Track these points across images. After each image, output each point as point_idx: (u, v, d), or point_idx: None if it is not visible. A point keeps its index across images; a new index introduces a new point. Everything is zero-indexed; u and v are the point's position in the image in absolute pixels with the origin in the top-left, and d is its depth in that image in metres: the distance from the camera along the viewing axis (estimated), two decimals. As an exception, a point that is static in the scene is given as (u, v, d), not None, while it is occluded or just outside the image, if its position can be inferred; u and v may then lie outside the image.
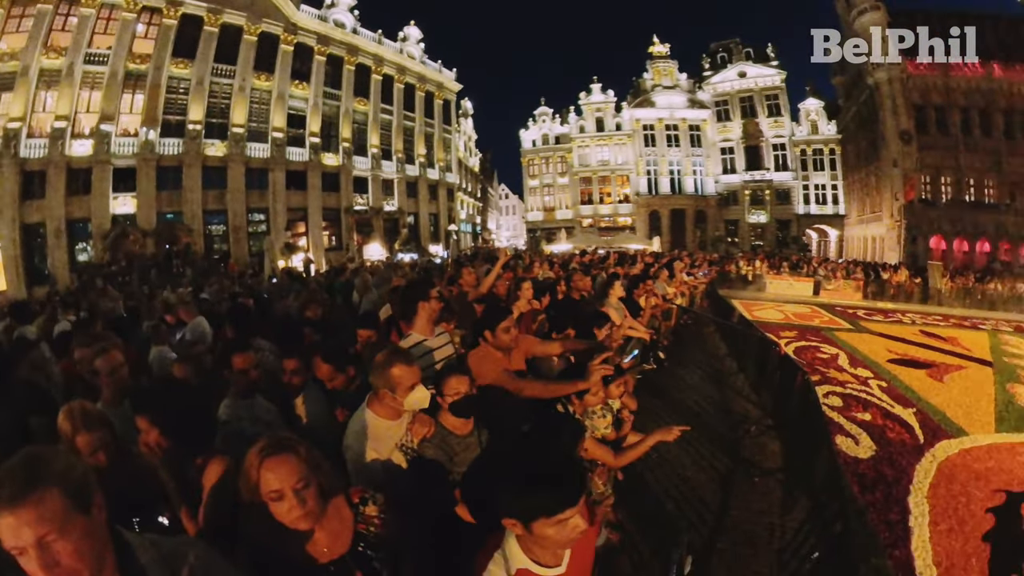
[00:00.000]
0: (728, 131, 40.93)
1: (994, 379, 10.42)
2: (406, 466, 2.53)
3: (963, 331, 14.71)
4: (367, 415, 2.52)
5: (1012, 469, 7.08)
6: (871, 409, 8.31)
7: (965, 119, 30.28)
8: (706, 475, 5.62)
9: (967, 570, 5.18)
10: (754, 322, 12.22)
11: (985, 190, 30.04)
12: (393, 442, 2.53)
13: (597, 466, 3.32)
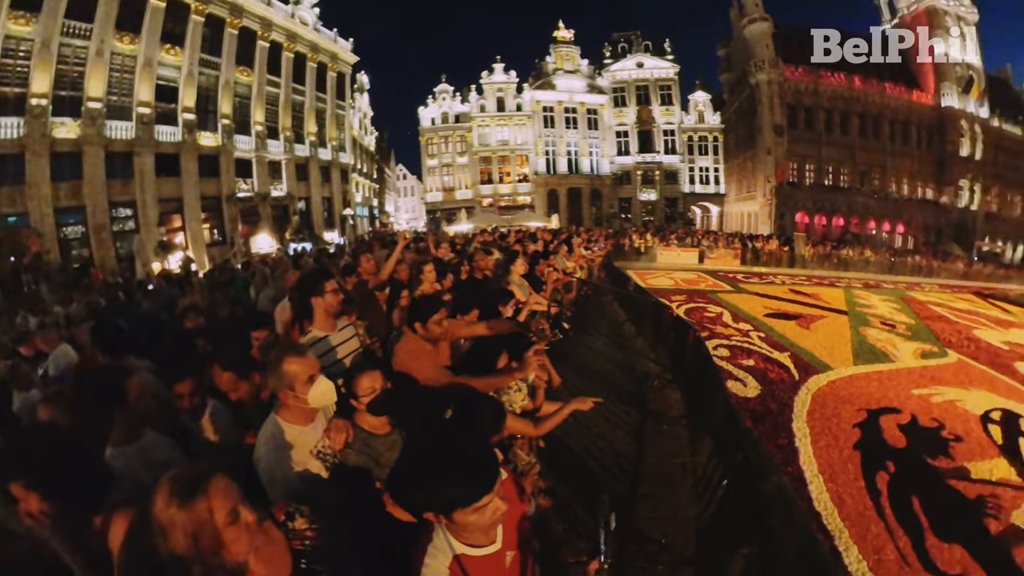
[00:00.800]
0: (624, 116, 43.95)
1: (849, 325, 12.65)
2: (327, 475, 2.34)
3: (823, 288, 17.54)
4: (276, 422, 2.33)
5: (869, 392, 8.70)
6: (754, 356, 9.52)
7: (828, 119, 37.35)
8: (620, 430, 6.04)
9: (845, 474, 6.31)
10: (648, 289, 13.19)
11: (841, 176, 37.72)
12: (308, 449, 2.33)
13: (517, 438, 3.35)
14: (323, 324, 3.43)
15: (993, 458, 7.28)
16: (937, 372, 10.28)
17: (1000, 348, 12.88)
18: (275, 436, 2.29)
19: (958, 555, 5.13)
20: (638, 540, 4.20)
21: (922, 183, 38.75)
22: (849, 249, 26.49)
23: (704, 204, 44.92)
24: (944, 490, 6.37)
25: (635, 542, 4.17)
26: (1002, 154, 39.82)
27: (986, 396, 9.36)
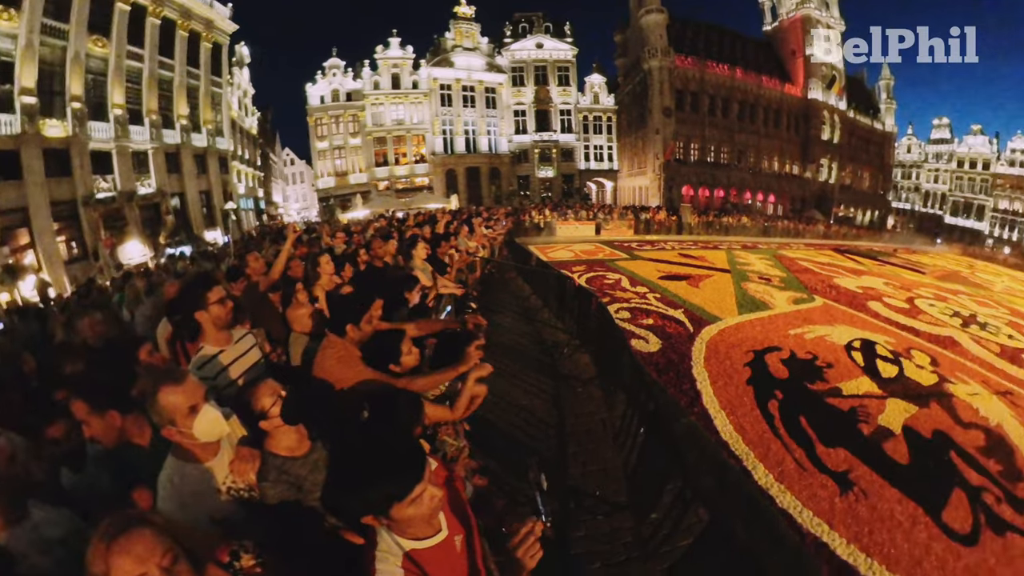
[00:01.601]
0: (522, 95, 44.35)
1: (732, 281, 14.18)
2: (246, 512, 2.09)
3: (708, 251, 19.50)
4: (172, 464, 2.03)
5: (753, 336, 9.83)
6: (652, 315, 10.20)
7: (712, 104, 42.11)
8: (539, 398, 6.19)
9: (742, 406, 7.10)
10: (550, 263, 13.58)
11: (721, 154, 43.02)
12: (216, 487, 2.06)
13: (441, 425, 3.34)
14: (215, 338, 3.00)
15: (858, 377, 8.75)
16: (807, 314, 11.83)
17: (856, 292, 15.31)
18: (173, 480, 1.99)
19: (843, 456, 6.24)
20: (575, 496, 4.40)
21: (790, 161, 45.56)
22: (729, 217, 29.98)
23: (599, 180, 47.22)
24: (824, 407, 7.53)
25: (572, 498, 4.36)
26: (854, 139, 48.63)
27: (848, 330, 11.07)
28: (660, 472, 4.05)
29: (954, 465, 6.55)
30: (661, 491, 3.94)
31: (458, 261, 8.23)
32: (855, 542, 4.91)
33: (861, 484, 5.79)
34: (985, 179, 52.33)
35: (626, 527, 4.12)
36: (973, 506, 5.77)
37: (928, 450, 6.84)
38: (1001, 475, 6.51)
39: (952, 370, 9.96)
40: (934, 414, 7.93)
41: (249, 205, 39.31)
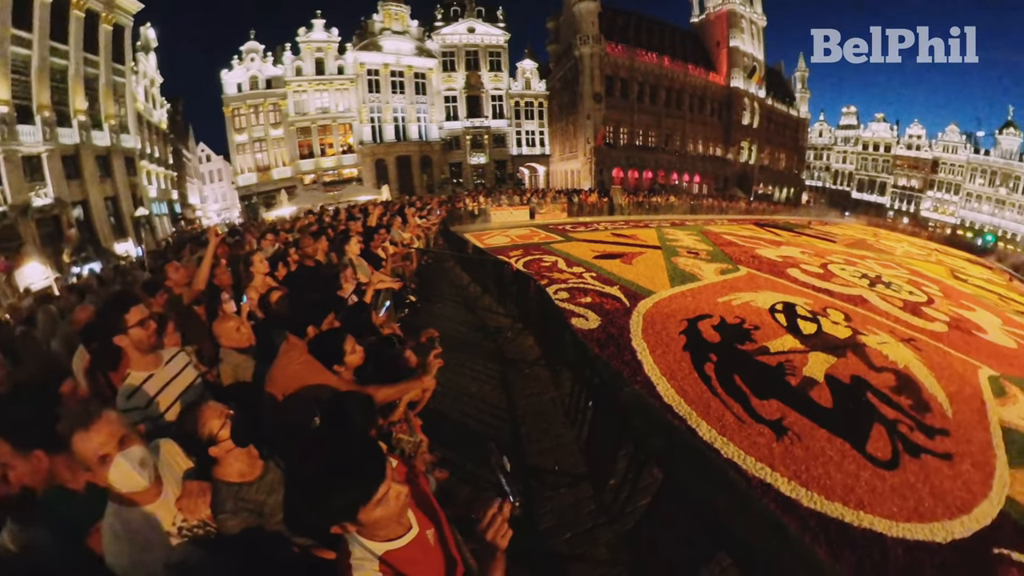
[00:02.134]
0: (452, 81, 43.44)
1: (663, 256, 14.79)
2: (203, 551, 1.92)
3: (639, 229, 20.28)
4: (113, 511, 1.82)
5: (686, 306, 10.32)
6: (590, 294, 10.48)
7: (640, 90, 43.79)
8: (488, 384, 6.10)
9: (681, 370, 7.51)
10: (486, 249, 13.56)
11: (649, 138, 44.89)
12: (166, 530, 1.87)
13: (395, 424, 3.33)
14: (142, 363, 2.68)
15: (782, 336, 9.52)
16: (733, 283, 12.61)
17: (776, 260, 16.49)
18: (115, 529, 1.78)
19: (775, 406, 6.89)
20: (535, 474, 4.50)
21: (713, 144, 48.50)
22: (658, 197, 31.00)
23: (531, 165, 47.65)
24: (754, 365, 8.12)
25: (533, 477, 4.46)
26: (772, 124, 52.82)
27: (770, 295, 11.95)
28: (612, 440, 4.20)
29: (871, 404, 7.47)
30: (615, 458, 4.11)
31: (393, 254, 8.03)
32: (795, 479, 5.47)
33: (794, 429, 6.43)
34: (887, 160, 59.32)
35: (588, 496, 4.30)
36: (891, 436, 6.63)
37: (848, 393, 7.72)
38: (912, 408, 7.53)
39: (863, 324, 11.14)
40: (851, 362, 8.90)
41: (163, 210, 35.07)
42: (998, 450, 6.85)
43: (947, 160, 53.92)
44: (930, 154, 55.36)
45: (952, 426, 7.30)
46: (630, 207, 26.77)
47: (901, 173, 57.72)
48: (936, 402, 7.96)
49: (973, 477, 6.15)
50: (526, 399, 5.78)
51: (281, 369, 2.75)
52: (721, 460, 5.56)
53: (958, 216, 52.64)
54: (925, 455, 6.34)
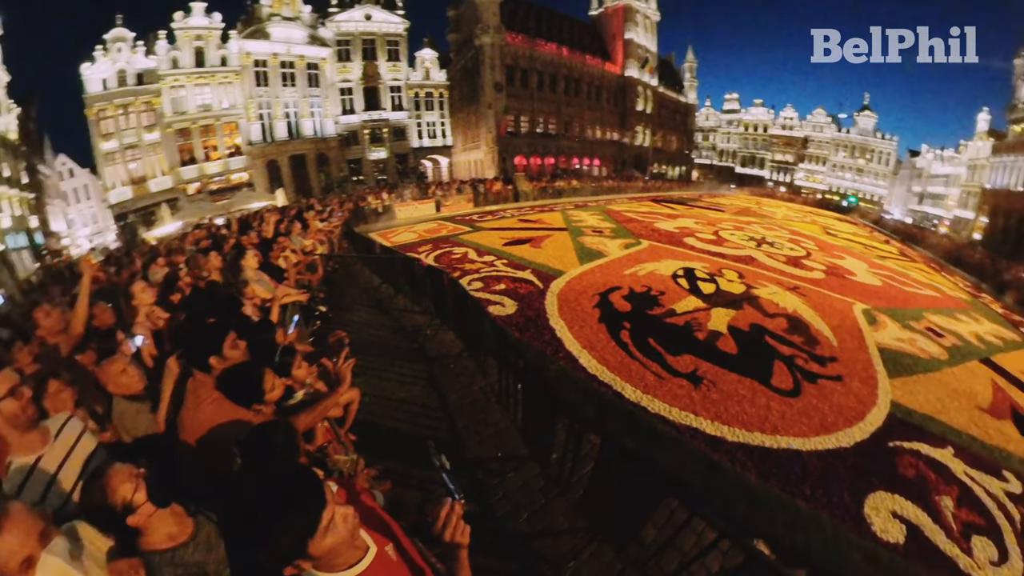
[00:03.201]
0: (348, 71, 40.47)
1: (570, 237, 15.29)
2: None
3: (545, 214, 20.85)
4: None
5: (596, 281, 10.77)
6: (503, 280, 10.60)
7: (540, 79, 44.88)
8: (416, 385, 5.95)
9: (599, 341, 7.90)
10: (395, 247, 13.23)
11: (550, 125, 46.29)
12: None
13: (328, 445, 3.21)
14: (24, 444, 2.18)
15: (686, 298, 10.33)
16: (637, 255, 13.38)
17: (673, 232, 17.79)
18: None
19: (689, 360, 7.56)
20: (480, 464, 4.51)
21: (610, 129, 51.12)
22: (561, 181, 32.08)
23: (434, 157, 46.87)
24: (665, 327, 8.74)
25: (478, 467, 4.47)
26: (664, 110, 57.27)
27: (671, 263, 12.85)
28: (547, 417, 4.31)
29: (770, 345, 8.57)
30: (553, 432, 4.22)
31: (296, 264, 7.56)
32: (717, 420, 6.18)
33: (708, 377, 7.13)
34: (765, 139, 67.56)
35: (535, 474, 4.41)
36: (791, 369, 7.72)
37: (749, 339, 8.72)
38: (804, 344, 8.80)
39: (755, 279, 12.50)
40: (748, 313, 10.02)
41: (21, 243, 28.49)
42: (878, 366, 8.35)
43: (815, 137, 64.06)
44: (801, 133, 64.90)
45: (838, 353, 8.66)
46: (535, 193, 27.38)
47: (777, 149, 66.54)
48: (823, 336, 9.35)
49: (862, 391, 7.44)
50: (456, 393, 5.76)
51: (191, 413, 2.48)
52: (649, 415, 6.03)
53: (826, 183, 62.32)
54: (821, 380, 7.49)
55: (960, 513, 5.36)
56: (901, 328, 10.64)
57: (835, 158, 62.95)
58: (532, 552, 3.77)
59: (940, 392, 8.02)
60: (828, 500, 5.16)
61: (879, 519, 5.03)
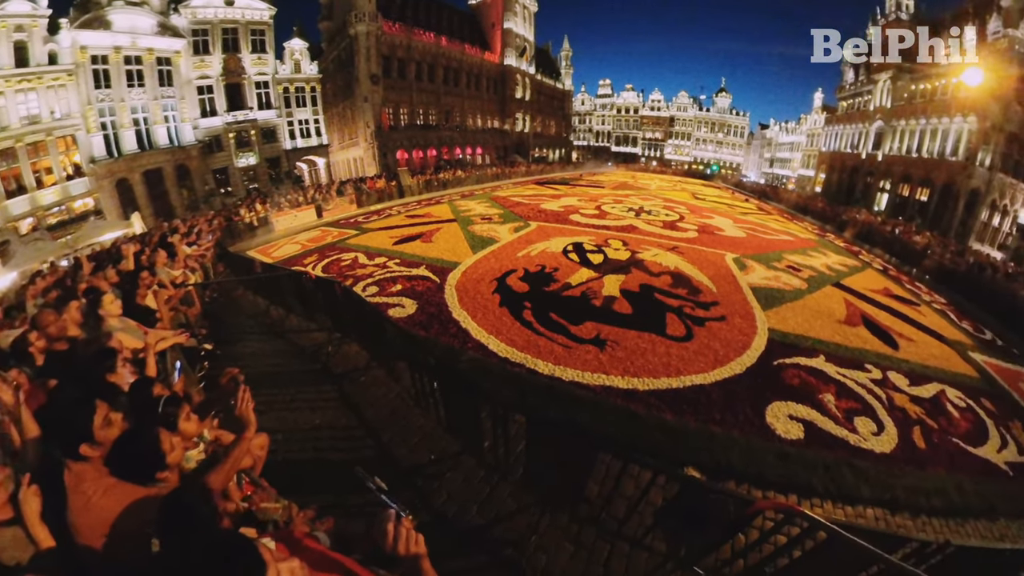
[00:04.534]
0: (207, 66, 34.28)
1: (460, 228, 15.27)
2: None
3: (432, 207, 20.64)
4: None
5: (491, 267, 10.94)
6: (399, 281, 10.34)
7: (418, 69, 43.47)
8: (329, 409, 5.63)
9: (504, 324, 8.07)
10: (277, 263, 12.25)
11: (430, 117, 45.17)
12: None
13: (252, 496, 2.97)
14: None
15: (579, 270, 10.89)
16: (528, 237, 13.80)
17: (559, 211, 18.57)
18: None
19: (591, 326, 8.05)
20: (416, 472, 4.41)
21: (491, 117, 51.68)
22: (445, 173, 31.65)
23: (309, 158, 43.47)
24: (563, 300, 9.15)
25: (415, 476, 4.37)
26: (542, 96, 59.45)
27: (561, 240, 13.46)
28: (470, 408, 4.31)
29: (660, 300, 9.50)
30: (479, 421, 4.24)
31: (168, 300, 6.69)
32: (626, 374, 6.74)
33: (611, 338, 7.66)
34: (636, 120, 74.89)
35: (473, 467, 4.42)
36: (681, 318, 8.69)
37: (641, 298, 9.53)
38: (688, 294, 9.92)
39: (638, 245, 13.55)
40: (636, 276, 10.88)
41: None
42: (753, 303, 10.00)
43: (680, 117, 72.87)
44: (668, 113, 73.12)
45: (719, 297, 10.00)
46: (419, 187, 26.75)
47: (648, 128, 73.94)
48: (704, 285, 10.65)
49: (743, 325, 8.83)
50: (373, 407, 5.57)
51: (81, 514, 2.14)
52: (565, 384, 6.34)
53: (692, 155, 71.34)
54: (708, 322, 8.64)
55: (841, 404, 6.77)
56: (766, 269, 12.51)
57: (698, 133, 72.52)
58: (493, 540, 3.84)
59: (806, 315, 9.86)
60: (735, 419, 6.06)
61: (780, 424, 6.10)
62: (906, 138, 34.09)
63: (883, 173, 36.14)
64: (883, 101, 37.43)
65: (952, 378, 8.22)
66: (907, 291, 12.87)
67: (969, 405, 7.43)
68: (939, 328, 10.23)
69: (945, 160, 29.75)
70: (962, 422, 6.96)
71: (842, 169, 42.48)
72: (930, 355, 8.98)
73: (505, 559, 3.70)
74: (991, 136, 26.79)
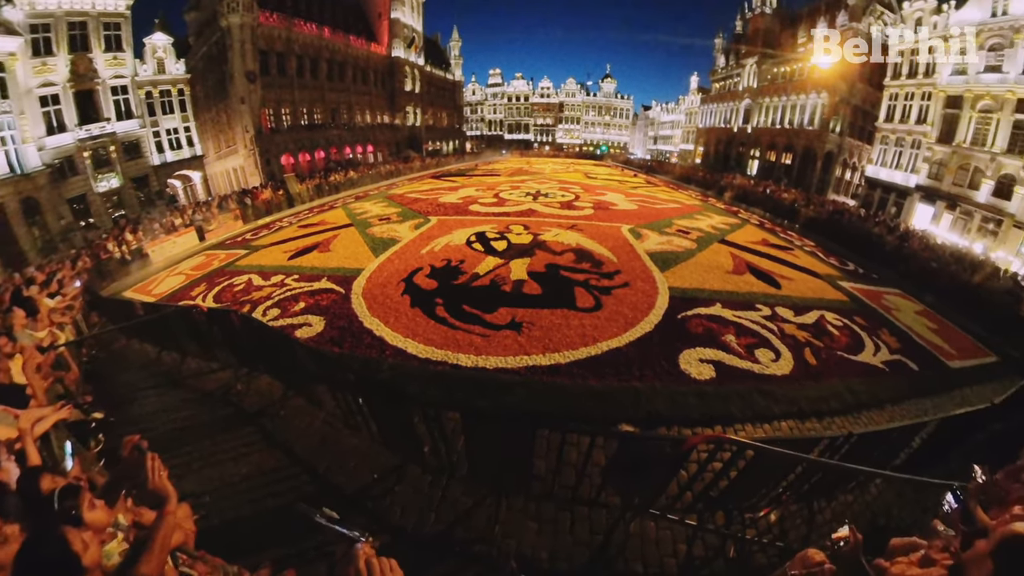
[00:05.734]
0: (50, 70, 26.55)
1: (358, 232, 14.71)
2: None
3: (325, 213, 19.54)
4: None
5: (397, 269, 10.71)
6: (301, 298, 9.70)
7: (300, 64, 39.92)
8: (254, 452, 5.25)
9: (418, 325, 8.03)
10: (161, 301, 10.98)
11: (314, 116, 42.00)
12: None
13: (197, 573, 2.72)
14: None
15: (485, 259, 11.06)
16: (429, 233, 13.68)
17: (458, 203, 18.63)
18: None
19: (504, 312, 8.27)
20: (362, 496, 4.32)
21: (380, 112, 49.46)
22: (336, 175, 30.34)
23: (183, 173, 37.62)
24: (474, 291, 9.24)
25: (365, 498, 4.29)
26: (432, 88, 58.32)
27: (463, 231, 13.49)
28: (401, 416, 4.22)
29: (566, 277, 9.97)
30: (414, 428, 4.18)
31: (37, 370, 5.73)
32: (548, 351, 7.05)
33: (526, 320, 7.93)
34: (527, 107, 77.41)
35: (419, 475, 4.41)
36: (589, 291, 9.23)
37: (548, 278, 9.91)
38: (592, 268, 10.56)
39: (538, 227, 13.97)
40: (541, 257, 11.28)
41: None
42: (651, 267, 10.92)
43: (569, 102, 76.24)
44: (557, 99, 76.35)
45: (620, 267, 10.76)
46: (310, 193, 25.37)
47: (539, 115, 76.88)
48: (605, 257, 11.37)
49: (646, 288, 9.62)
50: (301, 439, 5.28)
51: None
52: (490, 372, 6.48)
53: (582, 138, 74.81)
54: (614, 290, 9.32)
55: (741, 341, 7.79)
56: (660, 235, 13.65)
57: (587, 117, 76.64)
58: (459, 540, 3.88)
59: (699, 271, 11.00)
60: (654, 372, 6.69)
61: (693, 368, 6.88)
62: (771, 112, 40.95)
63: (753, 143, 42.86)
64: (751, 82, 44.31)
65: (828, 304, 9.96)
66: (782, 239, 15.61)
67: (845, 323, 9.10)
68: (811, 266, 12.57)
69: (804, 129, 36.77)
70: (842, 338, 8.48)
71: (717, 142, 48.56)
72: (807, 289, 10.79)
73: (476, 554, 3.77)
74: (840, 108, 33.94)
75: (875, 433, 4.19)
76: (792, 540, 4.11)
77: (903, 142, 29.05)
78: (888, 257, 14.52)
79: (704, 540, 4.11)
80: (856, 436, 3.79)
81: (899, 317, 10.00)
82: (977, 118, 23.67)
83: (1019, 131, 21.52)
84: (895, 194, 29.32)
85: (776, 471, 3.76)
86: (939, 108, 25.98)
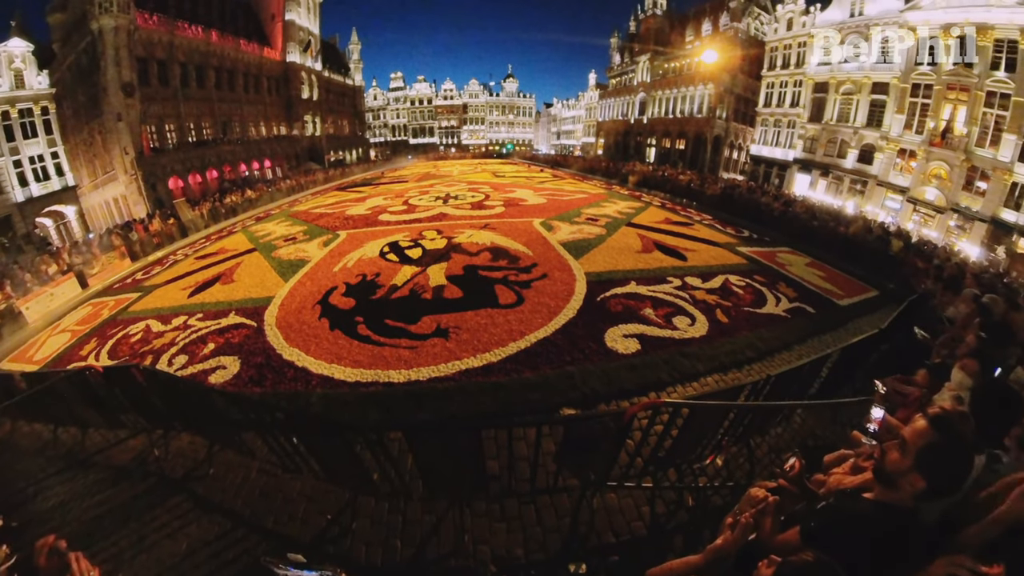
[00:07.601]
0: None
1: (263, 256, 13.86)
2: None
3: (224, 240, 18.00)
4: None
5: (310, 291, 10.29)
6: (209, 339, 8.84)
7: (184, 73, 35.12)
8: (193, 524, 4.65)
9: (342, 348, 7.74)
10: (44, 368, 9.58)
11: (203, 130, 37.38)
12: None
13: None
14: None
15: (401, 269, 10.96)
16: (340, 249, 13.21)
17: (367, 214, 18.26)
18: None
19: (428, 320, 8.26)
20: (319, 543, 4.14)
21: (276, 123, 46.21)
22: (232, 196, 27.48)
23: (54, 209, 31.14)
24: (393, 303, 9.13)
25: (324, 542, 4.13)
26: (331, 94, 55.63)
27: (375, 243, 13.21)
28: (341, 449, 4.02)
29: (485, 276, 10.17)
30: (358, 457, 3.98)
31: None
32: (479, 352, 7.17)
33: (452, 326, 7.97)
34: (431, 110, 77.78)
35: (374, 505, 4.33)
36: (509, 287, 9.48)
37: (468, 280, 10.05)
38: (509, 264, 10.88)
39: (452, 231, 14.04)
40: (457, 259, 11.38)
41: None
42: (566, 256, 11.43)
43: (473, 103, 77.64)
44: (461, 101, 77.47)
45: (537, 260, 11.19)
46: (205, 219, 22.71)
47: (443, 117, 77.27)
48: (521, 252, 11.74)
49: (564, 277, 10.11)
50: (239, 496, 4.86)
51: None
52: (425, 384, 6.43)
53: (487, 138, 76.48)
54: (533, 283, 9.70)
55: (659, 312, 8.52)
56: (570, 225, 14.37)
57: (491, 117, 78.66)
58: (434, 561, 3.87)
59: (611, 254, 11.75)
60: (584, 355, 7.05)
61: (620, 344, 7.35)
62: (664, 104, 45.34)
63: (649, 132, 47.18)
64: (644, 77, 48.51)
65: (730, 268, 11.11)
66: (682, 217, 17.36)
67: (747, 283, 10.25)
68: (711, 237, 14.01)
69: (694, 117, 41.11)
70: (746, 296, 9.53)
71: (617, 133, 52.31)
72: (710, 257, 11.90)
73: (453, 569, 3.78)
74: (724, 97, 38.53)
75: (789, 371, 4.70)
76: (740, 477, 4.57)
77: (780, 123, 34.61)
78: (776, 221, 16.73)
79: (663, 498, 4.44)
80: (774, 377, 4.30)
81: (792, 271, 11.45)
82: (841, 100, 29.37)
83: (875, 108, 27.29)
84: (777, 167, 34.67)
85: (712, 422, 4.12)
86: (809, 93, 31.54)
